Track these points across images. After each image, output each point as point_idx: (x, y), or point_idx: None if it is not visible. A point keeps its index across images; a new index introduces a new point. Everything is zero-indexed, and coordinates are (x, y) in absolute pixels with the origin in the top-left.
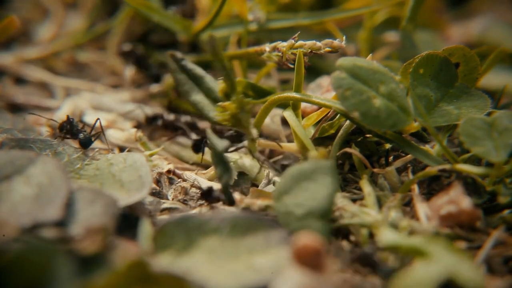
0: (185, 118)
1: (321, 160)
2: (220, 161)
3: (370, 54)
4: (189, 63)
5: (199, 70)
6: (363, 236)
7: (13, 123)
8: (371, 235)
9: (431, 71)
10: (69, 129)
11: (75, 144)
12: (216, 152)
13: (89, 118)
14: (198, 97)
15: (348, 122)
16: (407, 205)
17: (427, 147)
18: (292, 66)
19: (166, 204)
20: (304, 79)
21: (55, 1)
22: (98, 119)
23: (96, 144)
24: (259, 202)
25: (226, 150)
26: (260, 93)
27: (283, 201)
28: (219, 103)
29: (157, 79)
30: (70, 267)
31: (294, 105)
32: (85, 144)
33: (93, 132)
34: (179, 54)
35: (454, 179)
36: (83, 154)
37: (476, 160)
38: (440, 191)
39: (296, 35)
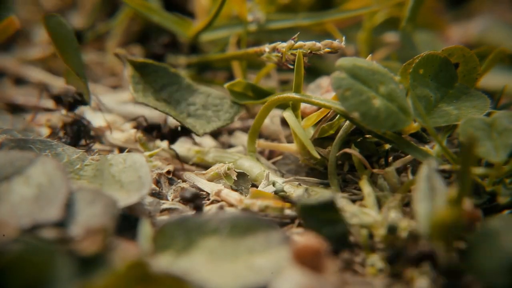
0: None
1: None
2: None
3: (370, 55)
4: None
5: None
6: (363, 237)
7: (13, 124)
8: (371, 236)
9: (431, 71)
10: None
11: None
12: None
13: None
14: None
15: (347, 122)
16: (407, 206)
17: (426, 147)
18: (291, 66)
19: (165, 205)
20: (303, 79)
21: (55, 2)
22: None
23: (96, 145)
24: (259, 203)
25: None
26: (260, 93)
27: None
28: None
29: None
30: (70, 268)
31: (293, 106)
32: None
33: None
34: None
35: (454, 179)
36: (83, 155)
37: (475, 161)
38: None
39: (296, 35)
